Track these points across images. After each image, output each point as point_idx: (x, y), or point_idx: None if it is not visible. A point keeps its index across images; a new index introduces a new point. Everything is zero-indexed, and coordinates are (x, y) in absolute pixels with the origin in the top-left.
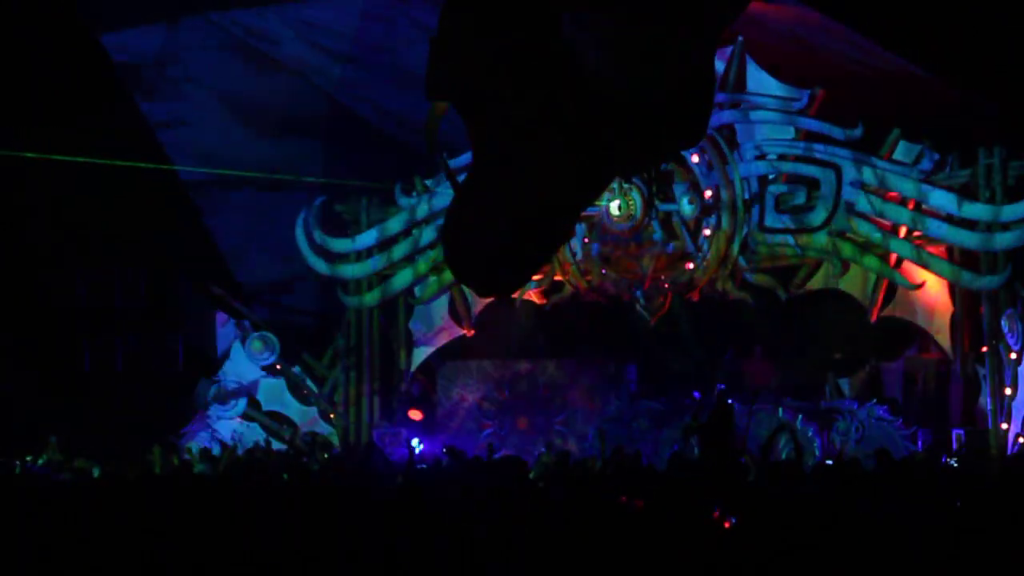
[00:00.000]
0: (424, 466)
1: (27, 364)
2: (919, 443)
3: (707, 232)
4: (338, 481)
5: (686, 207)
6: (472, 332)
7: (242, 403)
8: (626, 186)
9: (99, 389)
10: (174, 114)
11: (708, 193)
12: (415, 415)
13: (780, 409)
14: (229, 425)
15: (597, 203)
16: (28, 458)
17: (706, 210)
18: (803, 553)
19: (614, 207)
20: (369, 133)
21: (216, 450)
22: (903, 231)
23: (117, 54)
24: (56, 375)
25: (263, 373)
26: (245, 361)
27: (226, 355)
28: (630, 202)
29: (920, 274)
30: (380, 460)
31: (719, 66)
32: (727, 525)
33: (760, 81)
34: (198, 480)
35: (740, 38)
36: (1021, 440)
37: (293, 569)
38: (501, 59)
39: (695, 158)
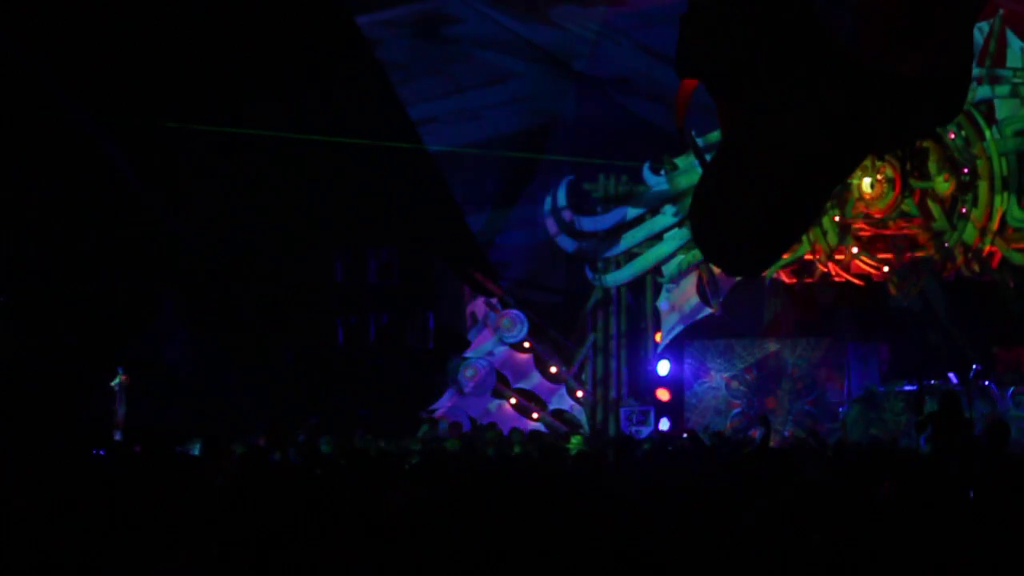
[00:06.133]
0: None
1: (284, 340)
2: None
3: (963, 210)
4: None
5: (942, 184)
6: (720, 311)
7: (491, 380)
8: (879, 163)
9: (352, 365)
10: (424, 93)
11: (964, 170)
12: (662, 394)
13: None
14: (479, 402)
15: (849, 180)
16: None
17: (962, 187)
18: None
19: (866, 184)
20: (617, 111)
21: (467, 426)
22: None
23: (370, 33)
24: (312, 351)
25: (511, 350)
26: (494, 338)
27: (476, 332)
28: (883, 180)
29: None
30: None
31: (978, 39)
32: None
33: (1020, 55)
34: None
35: (1000, 11)
36: None
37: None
38: (752, 35)
39: (951, 134)
